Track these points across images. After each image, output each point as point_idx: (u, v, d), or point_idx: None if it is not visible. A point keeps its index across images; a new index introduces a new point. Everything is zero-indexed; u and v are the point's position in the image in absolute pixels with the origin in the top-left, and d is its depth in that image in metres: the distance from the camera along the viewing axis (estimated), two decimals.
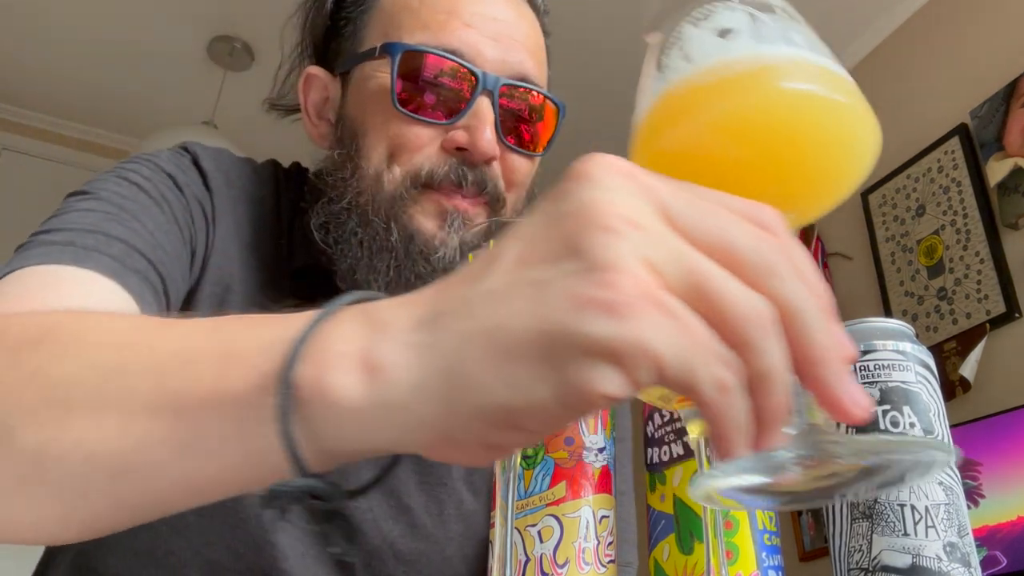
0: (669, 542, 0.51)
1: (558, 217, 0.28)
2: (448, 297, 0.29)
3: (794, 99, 0.33)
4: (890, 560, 0.48)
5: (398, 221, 0.67)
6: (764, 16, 0.34)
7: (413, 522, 0.70)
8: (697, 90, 0.33)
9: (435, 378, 0.27)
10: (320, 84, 0.76)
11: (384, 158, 0.68)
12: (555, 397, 0.26)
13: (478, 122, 0.67)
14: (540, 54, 0.76)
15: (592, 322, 0.25)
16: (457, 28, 0.68)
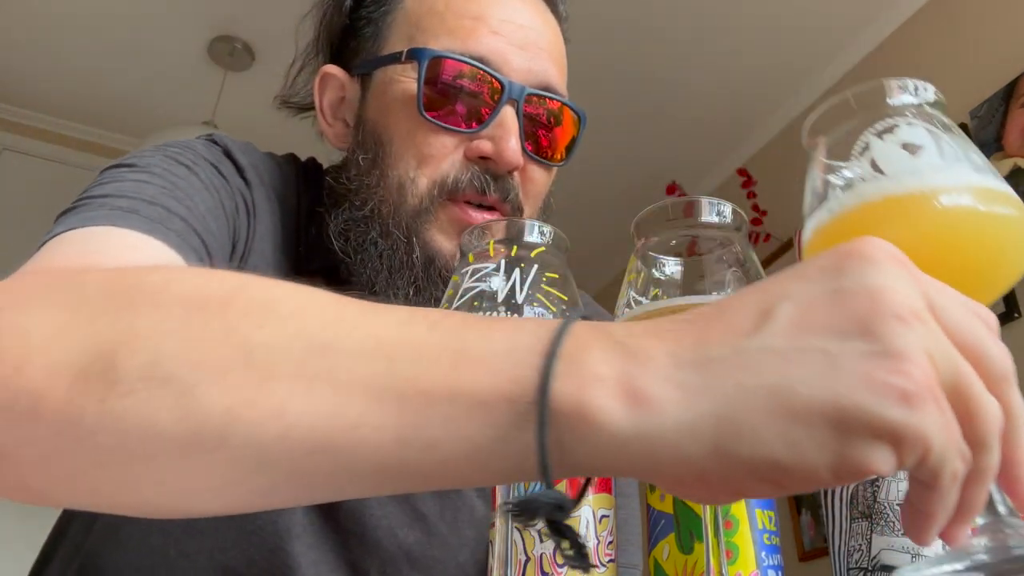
0: (669, 542, 0.51)
1: (843, 293, 0.29)
2: (715, 344, 0.30)
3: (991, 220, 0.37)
4: (889, 560, 0.48)
5: (419, 237, 0.66)
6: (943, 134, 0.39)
7: (428, 529, 0.70)
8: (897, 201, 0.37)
9: (706, 421, 0.29)
10: (336, 83, 0.75)
11: (411, 167, 0.67)
12: (829, 465, 0.28)
13: (503, 132, 0.66)
14: (563, 62, 0.75)
15: (887, 406, 0.27)
16: (484, 35, 0.67)
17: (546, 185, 0.74)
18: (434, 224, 0.66)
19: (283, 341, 0.33)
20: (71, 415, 0.33)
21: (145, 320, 0.34)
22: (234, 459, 0.32)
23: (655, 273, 0.46)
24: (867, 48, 2.65)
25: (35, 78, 2.95)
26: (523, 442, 0.30)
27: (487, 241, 0.48)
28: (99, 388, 0.33)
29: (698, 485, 0.30)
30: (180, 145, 0.67)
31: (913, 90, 0.41)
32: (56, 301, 0.37)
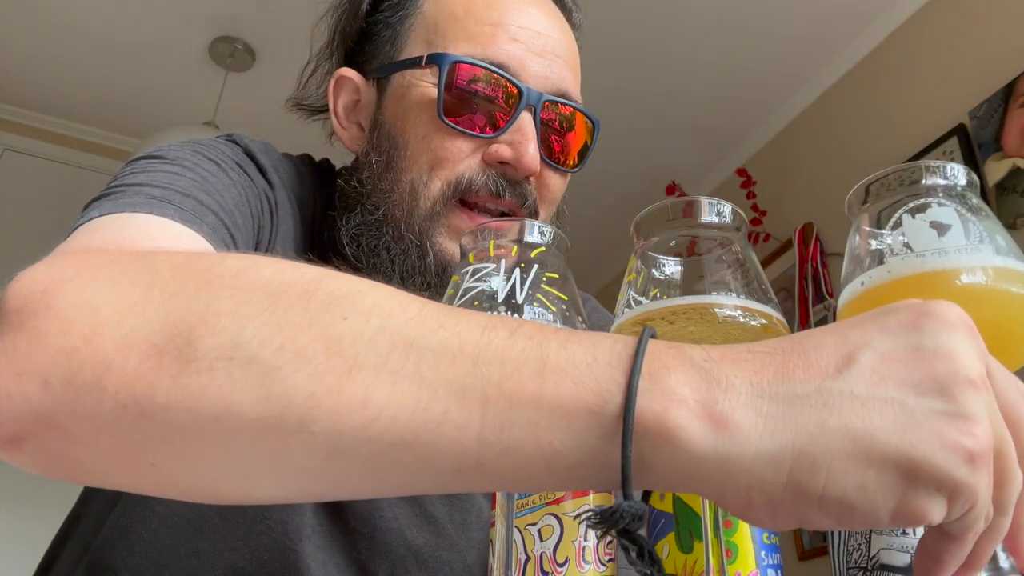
0: (669, 541, 0.52)
1: (922, 351, 0.32)
2: (798, 380, 0.31)
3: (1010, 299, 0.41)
4: (889, 559, 0.48)
5: (431, 242, 0.67)
6: (971, 216, 0.42)
7: (438, 531, 0.71)
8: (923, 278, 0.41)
9: (786, 453, 0.30)
10: (352, 86, 0.75)
11: (425, 170, 0.67)
12: (892, 509, 0.30)
13: (522, 137, 0.67)
14: (578, 70, 0.76)
15: (956, 464, 0.30)
16: (504, 41, 0.68)
17: (561, 191, 0.74)
18: (445, 229, 0.67)
19: (368, 333, 0.33)
20: (141, 389, 0.33)
21: (225, 302, 0.34)
22: (311, 445, 0.32)
23: (655, 273, 0.46)
24: (867, 48, 2.65)
25: (35, 78, 2.95)
26: (604, 453, 0.31)
27: (487, 241, 0.48)
28: (174, 364, 0.33)
29: (765, 510, 0.31)
30: (205, 143, 0.67)
31: (948, 173, 0.44)
32: (127, 277, 0.37)
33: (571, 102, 0.71)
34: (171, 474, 0.35)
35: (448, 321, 0.34)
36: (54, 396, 0.34)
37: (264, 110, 0.85)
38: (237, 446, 0.33)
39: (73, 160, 3.12)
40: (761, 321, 0.44)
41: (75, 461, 0.35)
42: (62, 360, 0.34)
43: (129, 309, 0.35)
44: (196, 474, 0.34)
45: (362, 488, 0.34)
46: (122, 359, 0.33)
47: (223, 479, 0.34)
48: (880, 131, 2.55)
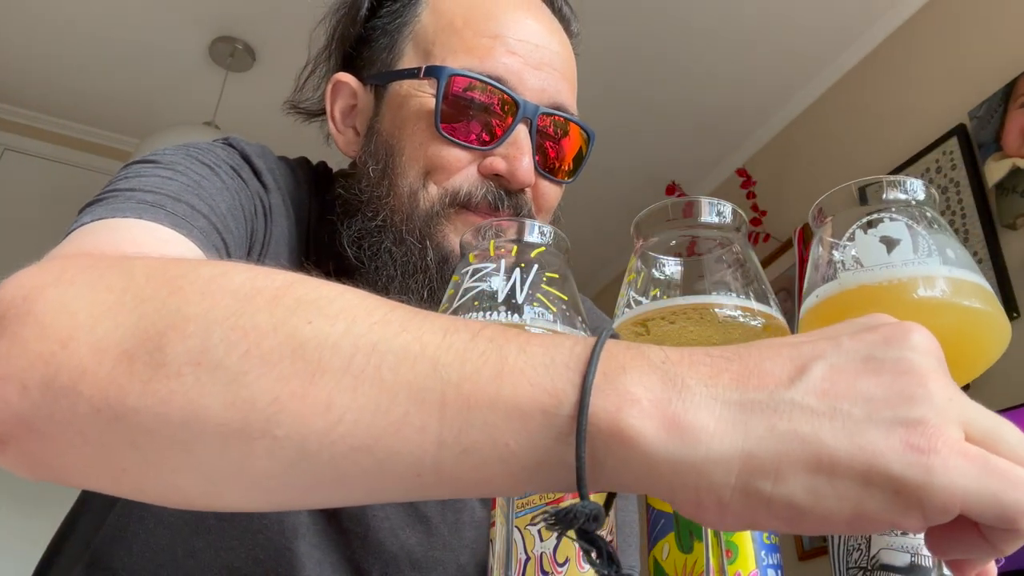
0: (669, 541, 0.52)
1: (876, 362, 0.32)
2: (751, 388, 0.32)
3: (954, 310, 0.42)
4: (889, 559, 0.48)
5: (432, 239, 0.67)
6: (921, 230, 0.44)
7: (430, 531, 0.71)
8: (869, 290, 0.43)
9: (737, 457, 0.30)
10: (348, 92, 0.76)
11: (420, 177, 0.68)
12: (846, 514, 0.30)
13: (517, 151, 0.68)
14: (574, 81, 0.76)
15: (906, 465, 0.29)
16: (502, 54, 0.69)
17: (556, 199, 0.75)
18: (448, 226, 0.68)
19: (332, 337, 0.33)
20: (113, 394, 0.33)
21: (194, 307, 0.35)
22: (275, 450, 0.32)
23: (655, 273, 0.46)
24: (867, 48, 2.65)
25: (35, 78, 2.95)
26: (559, 454, 0.31)
27: (487, 241, 0.48)
28: (144, 369, 0.33)
29: (715, 511, 0.31)
30: (200, 146, 0.68)
31: (907, 188, 0.46)
32: (103, 282, 0.37)
33: (567, 114, 0.72)
34: (140, 479, 0.35)
35: (411, 324, 0.35)
36: (32, 400, 0.34)
37: (264, 110, 0.85)
38: (204, 451, 0.33)
39: (73, 160, 3.12)
40: (761, 321, 0.44)
41: (55, 464, 0.36)
42: (40, 365, 0.34)
43: (103, 313, 0.35)
44: (164, 479, 0.35)
45: (328, 496, 0.35)
46: (96, 364, 0.34)
47: (190, 485, 0.34)
48: (880, 131, 2.55)
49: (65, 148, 3.14)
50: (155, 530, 0.65)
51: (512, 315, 0.45)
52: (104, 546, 0.66)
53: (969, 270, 0.43)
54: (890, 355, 0.32)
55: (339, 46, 0.77)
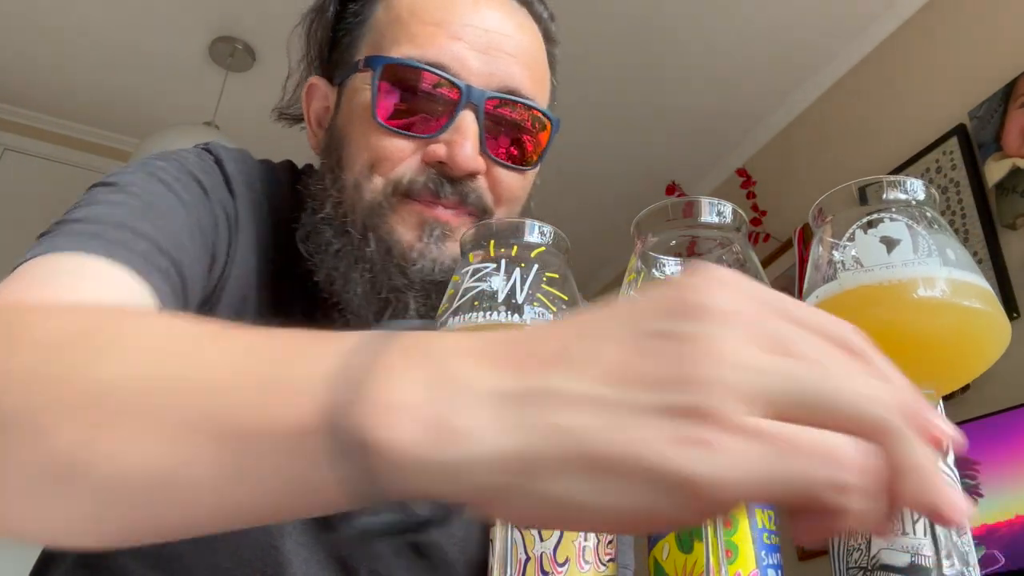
0: (669, 541, 0.52)
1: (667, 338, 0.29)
2: (532, 375, 0.30)
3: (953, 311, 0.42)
4: (889, 559, 0.48)
5: (376, 231, 0.67)
6: (921, 230, 0.44)
7: None
8: (869, 290, 0.43)
9: (509, 457, 0.28)
10: (321, 94, 0.77)
11: (364, 168, 0.68)
12: (620, 513, 0.28)
13: (459, 136, 0.66)
14: (538, 66, 0.74)
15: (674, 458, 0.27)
16: (443, 40, 0.67)
17: (521, 189, 0.73)
18: (392, 217, 0.67)
19: (123, 379, 0.34)
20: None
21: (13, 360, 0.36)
22: (80, 498, 0.33)
23: (655, 273, 0.46)
24: (867, 48, 2.65)
25: (35, 78, 2.95)
26: (329, 473, 0.30)
27: (487, 241, 0.48)
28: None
29: (502, 511, 0.30)
30: (166, 158, 0.69)
31: (907, 188, 0.46)
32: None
33: (521, 99, 0.70)
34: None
35: (199, 351, 0.34)
36: None
37: (264, 110, 0.85)
38: (17, 502, 0.34)
39: (73, 160, 3.12)
40: None
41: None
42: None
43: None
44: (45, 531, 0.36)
45: (159, 532, 0.34)
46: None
47: (59, 533, 0.35)
48: (880, 131, 2.55)
49: (65, 148, 3.14)
50: None
51: (512, 315, 0.45)
52: None
53: (969, 270, 0.43)
54: (678, 328, 0.29)
55: (314, 51, 0.78)
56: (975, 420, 1.89)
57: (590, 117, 3.03)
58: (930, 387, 0.43)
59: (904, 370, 0.43)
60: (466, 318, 0.45)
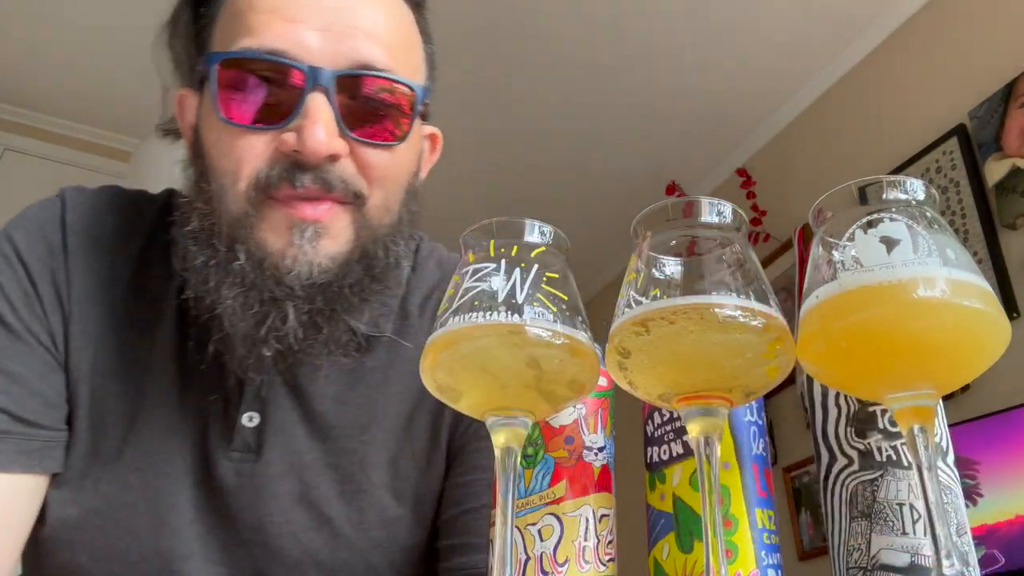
0: (668, 541, 0.52)
1: None
2: None
3: (952, 311, 0.42)
4: (889, 559, 0.48)
5: (244, 243, 0.64)
6: (921, 230, 0.44)
7: (334, 532, 0.70)
8: (870, 290, 0.43)
9: None
10: (191, 104, 0.73)
11: (228, 174, 0.64)
12: None
13: (307, 121, 0.62)
14: (396, 36, 0.69)
15: None
16: (278, 26, 0.64)
17: (395, 167, 0.68)
18: (260, 226, 0.64)
19: None
20: None
21: None
22: None
23: (655, 273, 0.46)
24: (867, 48, 2.65)
25: (35, 78, 2.95)
26: None
27: (488, 241, 0.48)
28: None
29: None
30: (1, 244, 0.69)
31: (907, 187, 0.46)
32: None
33: (375, 72, 0.65)
34: None
35: None
36: None
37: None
38: None
39: (73, 160, 3.12)
40: (761, 321, 0.44)
41: None
42: None
43: None
44: None
45: None
46: None
47: None
48: (880, 131, 2.55)
49: (65, 148, 3.14)
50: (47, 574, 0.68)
51: (512, 315, 0.45)
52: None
53: (969, 270, 0.43)
54: None
55: (177, 61, 0.75)
56: (974, 420, 1.89)
57: (590, 117, 3.03)
58: (930, 387, 0.43)
59: (904, 370, 0.42)
60: (466, 318, 0.45)
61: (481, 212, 0.72)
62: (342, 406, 0.72)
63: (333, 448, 0.71)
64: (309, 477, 0.70)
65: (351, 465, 0.71)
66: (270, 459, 0.69)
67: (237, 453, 0.69)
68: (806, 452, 2.54)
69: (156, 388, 0.69)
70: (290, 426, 0.71)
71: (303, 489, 0.70)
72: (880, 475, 0.50)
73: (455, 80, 2.89)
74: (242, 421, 0.69)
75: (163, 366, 0.69)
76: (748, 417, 0.52)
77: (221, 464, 0.68)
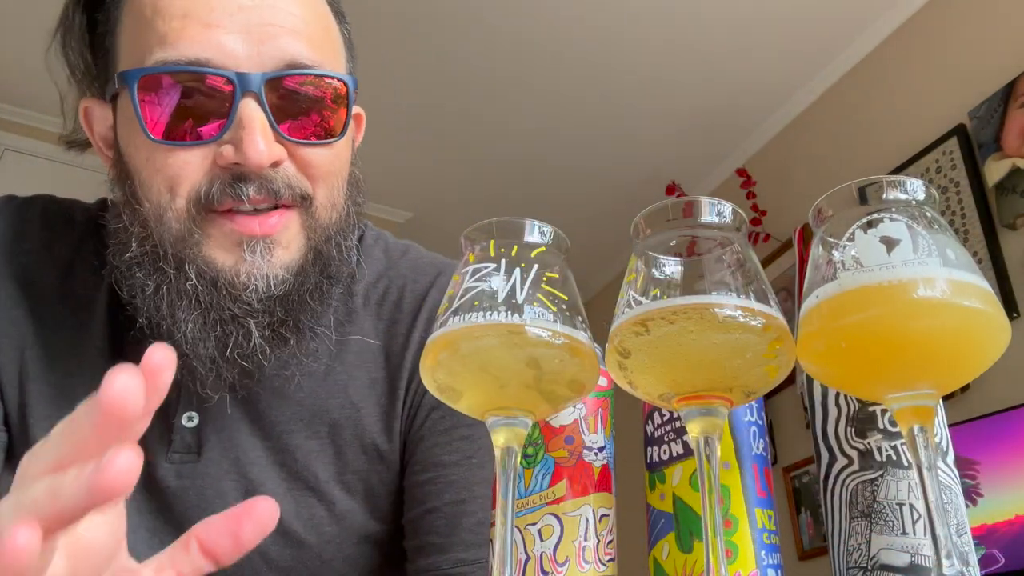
0: (668, 541, 0.52)
1: None
2: None
3: (952, 311, 0.42)
4: (889, 559, 0.48)
5: (194, 263, 0.61)
6: (921, 230, 0.44)
7: (283, 529, 0.69)
8: (870, 290, 0.43)
9: None
10: (99, 115, 0.69)
11: (163, 192, 0.61)
12: None
13: (243, 132, 0.60)
14: (315, 27, 0.66)
15: None
16: (196, 32, 0.60)
17: (335, 163, 0.66)
18: (207, 243, 0.61)
19: None
20: None
21: None
22: None
23: (655, 273, 0.46)
24: (867, 48, 2.65)
25: (35, 78, 2.95)
26: None
27: (487, 241, 0.48)
28: None
29: None
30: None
31: (907, 187, 0.46)
32: None
33: (303, 70, 0.63)
34: None
35: None
36: None
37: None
38: None
39: (73, 160, 3.11)
40: (761, 321, 0.44)
41: None
42: None
43: None
44: None
45: None
46: None
47: None
48: (880, 131, 2.55)
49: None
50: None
51: (512, 315, 0.45)
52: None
53: (969, 271, 0.43)
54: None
55: (75, 68, 0.70)
56: (974, 420, 1.89)
57: (590, 117, 3.03)
58: (930, 387, 0.43)
59: (904, 370, 0.42)
60: (466, 318, 0.45)
61: (481, 212, 0.72)
62: (283, 401, 0.70)
63: (276, 445, 0.70)
64: (255, 474, 0.69)
65: (295, 462, 0.70)
66: (211, 458, 0.68)
67: (177, 455, 0.68)
68: (806, 452, 2.54)
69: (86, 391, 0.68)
70: (231, 423, 0.69)
71: (248, 486, 0.69)
72: (880, 475, 0.50)
73: (454, 79, 2.89)
74: (181, 421, 0.68)
75: (93, 371, 0.66)
76: (748, 417, 0.52)
77: (161, 467, 0.67)
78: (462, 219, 0.68)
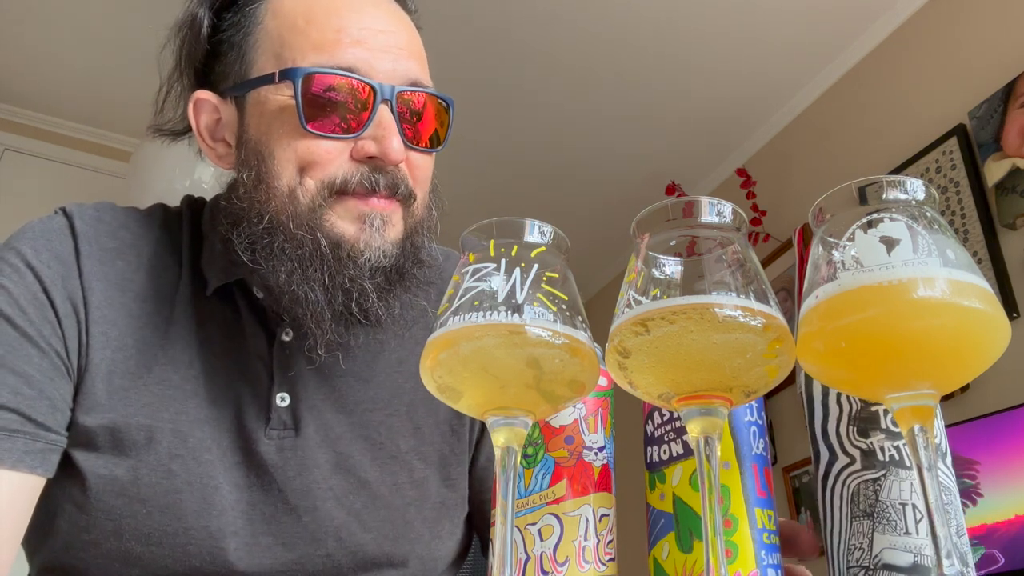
0: (668, 540, 0.52)
1: None
2: None
3: (952, 310, 0.43)
4: (891, 559, 0.48)
5: (321, 230, 0.71)
6: (921, 230, 0.44)
7: (372, 494, 0.77)
8: (870, 290, 0.43)
9: None
10: (210, 107, 0.79)
11: (294, 174, 0.72)
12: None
13: (384, 131, 0.72)
14: (422, 55, 0.80)
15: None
16: (348, 45, 0.73)
17: (429, 169, 0.79)
18: (331, 213, 0.72)
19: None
20: None
21: None
22: None
23: (655, 273, 0.46)
24: (867, 48, 2.65)
25: (35, 78, 2.95)
26: None
27: (487, 241, 0.48)
28: None
29: None
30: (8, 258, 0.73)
31: (907, 187, 0.46)
32: None
33: (423, 88, 0.77)
34: None
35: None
36: None
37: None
38: None
39: (73, 160, 3.12)
40: (761, 321, 0.44)
41: None
42: None
43: None
44: None
45: None
46: None
47: None
48: (880, 131, 2.55)
49: (65, 148, 3.14)
50: (94, 562, 0.70)
51: (512, 315, 0.45)
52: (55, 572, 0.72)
53: (969, 271, 0.43)
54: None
55: (188, 65, 0.81)
56: (974, 420, 1.89)
57: (590, 117, 3.03)
58: (930, 387, 0.43)
59: (904, 370, 0.42)
60: (466, 318, 0.45)
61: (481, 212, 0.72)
62: (364, 383, 0.80)
63: (360, 421, 0.79)
64: (343, 447, 0.77)
65: (378, 435, 0.79)
66: (307, 433, 0.76)
67: (275, 431, 0.75)
68: (806, 452, 2.54)
69: (181, 380, 0.74)
70: (319, 403, 0.78)
71: (338, 459, 0.77)
72: (883, 475, 0.50)
73: (453, 80, 2.89)
74: (276, 401, 0.75)
75: (187, 360, 0.74)
76: (748, 417, 0.52)
77: (262, 443, 0.74)
78: (462, 219, 0.69)
